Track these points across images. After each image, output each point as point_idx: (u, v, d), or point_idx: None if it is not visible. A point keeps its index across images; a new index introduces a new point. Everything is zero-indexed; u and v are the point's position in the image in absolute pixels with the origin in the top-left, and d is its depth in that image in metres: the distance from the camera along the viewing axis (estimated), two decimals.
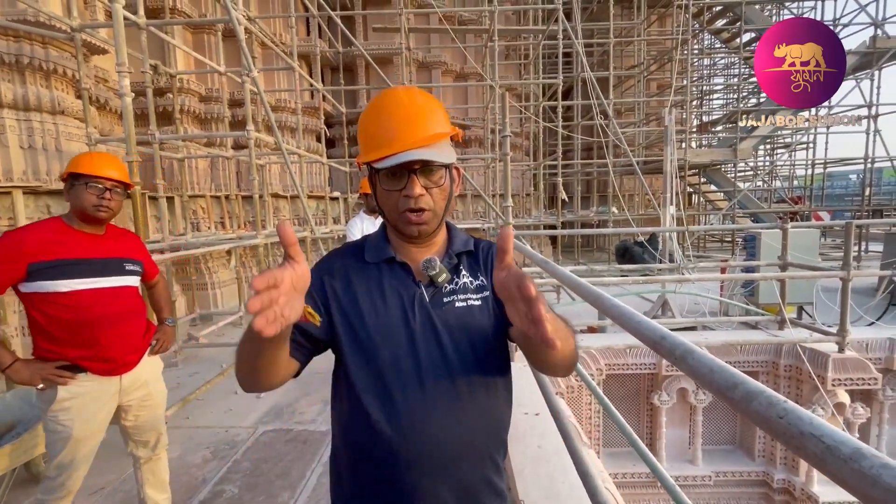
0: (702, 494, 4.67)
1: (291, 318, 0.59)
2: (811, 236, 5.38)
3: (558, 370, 0.83)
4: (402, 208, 0.79)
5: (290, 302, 0.58)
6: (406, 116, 0.78)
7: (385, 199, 0.81)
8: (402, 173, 0.78)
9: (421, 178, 0.78)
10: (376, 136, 0.78)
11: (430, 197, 0.79)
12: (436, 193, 0.80)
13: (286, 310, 0.58)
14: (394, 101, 0.79)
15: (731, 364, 0.62)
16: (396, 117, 0.78)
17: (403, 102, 0.79)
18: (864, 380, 4.03)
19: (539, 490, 2.05)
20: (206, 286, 6.55)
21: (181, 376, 4.03)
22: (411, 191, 0.77)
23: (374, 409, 0.78)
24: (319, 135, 8.57)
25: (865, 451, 0.39)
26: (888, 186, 15.70)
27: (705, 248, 13.88)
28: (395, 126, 0.77)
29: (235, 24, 3.46)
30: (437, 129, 0.79)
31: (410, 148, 0.75)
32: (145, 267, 1.79)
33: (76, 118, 4.54)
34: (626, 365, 4.55)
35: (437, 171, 0.79)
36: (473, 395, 0.80)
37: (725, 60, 16.64)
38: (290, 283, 0.58)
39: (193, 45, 7.48)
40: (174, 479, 2.45)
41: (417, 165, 0.77)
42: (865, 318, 5.05)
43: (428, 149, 0.77)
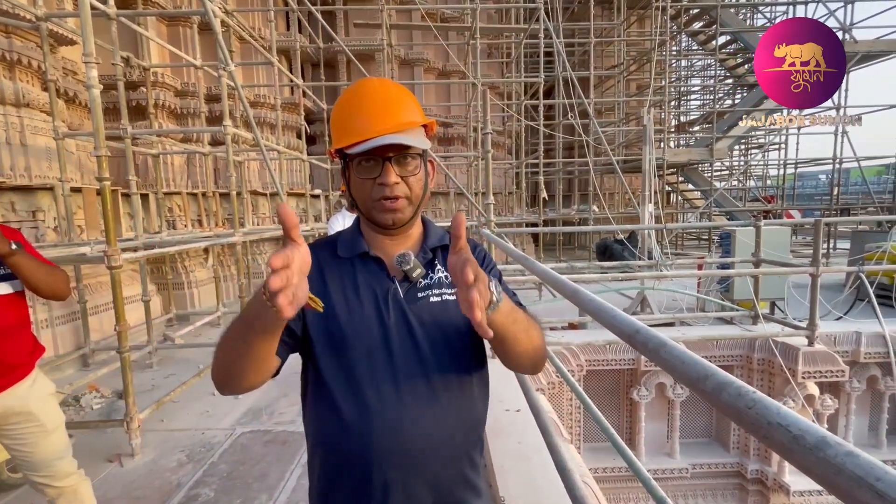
0: (679, 487, 4.77)
1: (301, 300, 0.58)
2: (783, 234, 5.56)
3: (522, 366, 0.82)
4: (377, 196, 0.78)
5: (300, 283, 0.58)
6: (379, 103, 0.77)
7: (359, 188, 0.80)
8: (377, 161, 0.77)
9: (395, 166, 0.77)
10: (349, 124, 0.78)
11: (405, 185, 0.79)
12: (411, 182, 0.80)
13: (299, 291, 0.57)
14: (367, 89, 0.79)
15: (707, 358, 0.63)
16: (370, 105, 0.77)
17: (377, 90, 0.79)
18: (833, 372, 4.18)
19: (520, 486, 2.06)
20: (183, 285, 6.38)
21: (156, 378, 3.93)
22: (386, 178, 0.77)
23: (346, 406, 0.76)
24: (300, 131, 8.44)
25: (830, 439, 0.40)
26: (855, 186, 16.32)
27: (683, 246, 14.21)
28: (369, 113, 0.76)
29: (211, 17, 3.36)
30: (411, 118, 0.79)
31: (384, 133, 0.75)
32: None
33: (42, 111, 4.36)
34: (606, 361, 4.61)
35: (412, 160, 0.79)
36: (448, 391, 0.79)
37: (702, 62, 17.05)
38: (299, 263, 0.57)
39: (168, 38, 7.27)
40: (147, 484, 2.39)
41: (392, 153, 0.76)
42: (834, 312, 5.24)
43: (402, 134, 0.76)
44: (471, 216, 9.37)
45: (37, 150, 4.29)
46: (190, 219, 6.70)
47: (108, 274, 2.55)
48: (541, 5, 7.26)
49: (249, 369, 0.71)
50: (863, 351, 4.53)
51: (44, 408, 1.60)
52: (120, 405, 3.32)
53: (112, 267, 2.47)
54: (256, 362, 0.70)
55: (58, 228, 4.28)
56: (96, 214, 4.26)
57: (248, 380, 0.73)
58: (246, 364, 0.70)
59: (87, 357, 4.14)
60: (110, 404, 3.44)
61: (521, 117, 10.49)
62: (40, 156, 4.31)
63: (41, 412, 1.58)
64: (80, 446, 2.73)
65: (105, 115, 6.17)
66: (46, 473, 1.59)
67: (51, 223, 4.30)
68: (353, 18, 10.01)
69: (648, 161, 6.47)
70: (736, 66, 13.71)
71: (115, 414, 3.23)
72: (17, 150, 4.17)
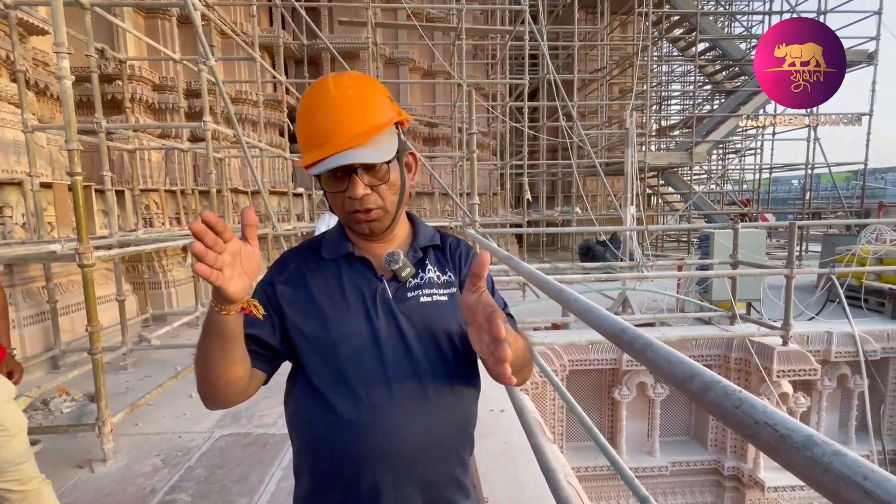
0: (659, 484, 4.86)
1: (231, 286, 0.60)
2: (759, 236, 5.70)
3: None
4: (349, 209, 0.76)
5: (233, 266, 0.60)
6: (336, 111, 0.71)
7: (332, 200, 0.78)
8: (344, 173, 0.73)
9: (364, 176, 0.74)
10: (309, 137, 0.73)
11: (376, 195, 0.75)
12: (383, 190, 0.76)
13: (227, 270, 0.59)
14: (322, 94, 0.72)
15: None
16: (326, 113, 0.71)
17: (331, 95, 0.71)
18: (806, 371, 4.31)
19: (504, 487, 2.05)
20: (160, 285, 6.21)
21: (131, 380, 3.81)
22: (353, 192, 0.73)
23: (336, 407, 0.75)
24: (283, 129, 8.31)
25: (817, 438, 0.40)
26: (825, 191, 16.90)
27: (663, 248, 14.48)
28: (326, 124, 0.71)
29: (191, 9, 3.27)
30: (375, 121, 0.73)
31: (344, 149, 0.70)
32: None
33: (11, 103, 4.19)
34: (589, 361, 4.66)
35: (381, 166, 0.74)
36: (439, 391, 0.78)
37: (682, 68, 17.41)
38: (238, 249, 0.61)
39: (146, 31, 7.06)
40: (119, 490, 2.31)
41: (357, 164, 0.72)
42: (806, 312, 5.40)
43: (363, 148, 0.71)
44: (455, 216, 9.37)
45: (4, 143, 4.11)
46: (168, 216, 6.53)
47: (80, 272, 2.46)
48: (526, 7, 7.30)
49: (223, 378, 0.70)
50: (834, 350, 4.69)
51: (5, 412, 1.57)
52: (91, 409, 3.20)
53: (84, 265, 2.38)
54: (226, 368, 0.69)
55: (26, 225, 4.12)
56: (68, 211, 4.11)
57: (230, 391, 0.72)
58: (219, 372, 0.69)
59: (57, 359, 3.99)
60: (81, 408, 3.31)
61: (506, 118, 10.54)
62: (8, 149, 4.14)
63: (3, 417, 1.55)
64: (49, 452, 2.63)
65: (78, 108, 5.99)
66: (9, 478, 1.57)
67: (19, 219, 4.13)
68: (338, 15, 9.90)
69: (631, 164, 6.57)
70: (714, 72, 14.05)
71: (86, 418, 3.11)
72: None
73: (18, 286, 4.02)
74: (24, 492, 1.61)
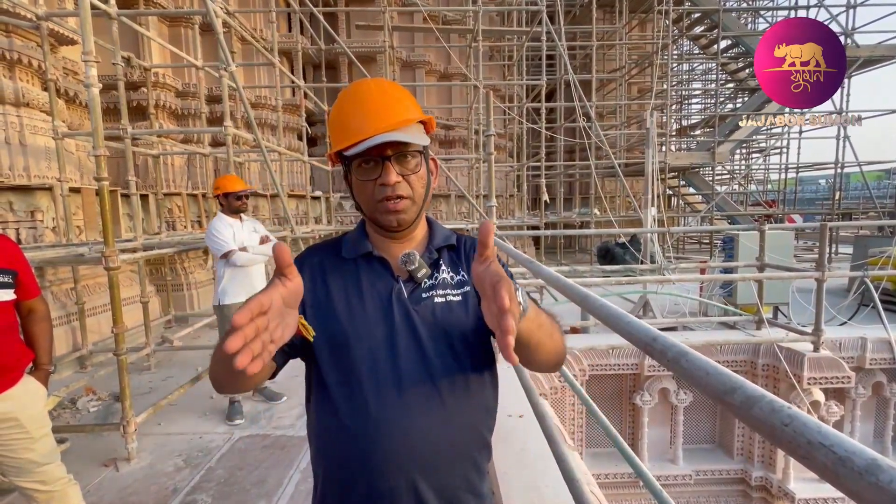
0: (682, 493, 4.72)
1: (285, 337, 0.58)
2: (786, 238, 5.51)
3: (542, 366, 0.81)
4: (379, 197, 0.77)
5: (282, 321, 0.57)
6: (376, 103, 0.76)
7: (361, 190, 0.79)
8: (376, 162, 0.76)
9: (396, 165, 0.76)
10: (346, 126, 0.76)
11: (406, 184, 0.77)
12: (413, 180, 0.78)
13: (277, 332, 0.56)
14: (362, 90, 0.78)
15: None
16: (366, 105, 0.76)
17: (372, 91, 0.78)
18: (839, 378, 4.13)
19: (522, 494, 2.01)
20: (182, 287, 6.34)
21: (154, 381, 3.89)
22: (387, 178, 0.75)
23: (349, 411, 0.75)
24: (301, 133, 8.42)
25: (882, 462, 0.36)
26: (855, 191, 16.29)
27: (684, 250, 14.16)
28: (365, 113, 0.75)
29: (212, 17, 3.34)
30: (408, 115, 0.77)
31: (381, 132, 0.73)
32: (21, 278, 1.58)
33: (42, 111, 4.34)
34: (609, 365, 4.57)
35: (412, 157, 0.78)
36: (453, 393, 0.77)
37: (703, 66, 17.04)
38: (281, 302, 0.57)
39: (170, 39, 7.26)
40: (142, 489, 2.35)
41: (391, 152, 0.75)
42: (838, 317, 5.19)
43: (399, 131, 0.74)
44: (472, 219, 9.33)
45: (36, 149, 4.26)
46: (190, 220, 6.67)
47: (106, 275, 2.52)
48: (543, 8, 7.25)
49: (240, 378, 0.73)
50: (868, 357, 4.49)
51: (31, 415, 1.60)
52: (116, 408, 3.28)
53: (110, 268, 2.44)
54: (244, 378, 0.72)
55: (56, 229, 4.25)
56: (95, 215, 4.23)
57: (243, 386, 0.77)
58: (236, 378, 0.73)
59: (83, 359, 4.10)
60: (107, 407, 3.39)
61: (522, 120, 10.48)
62: (39, 155, 4.29)
63: (28, 420, 1.58)
64: (75, 450, 2.69)
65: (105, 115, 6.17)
66: (34, 479, 1.60)
67: (49, 223, 4.27)
68: (355, 20, 10.01)
69: (651, 164, 6.45)
70: (737, 70, 13.69)
71: (111, 417, 3.19)
72: (17, 149, 4.14)
73: (47, 288, 4.15)
74: (50, 492, 1.62)
